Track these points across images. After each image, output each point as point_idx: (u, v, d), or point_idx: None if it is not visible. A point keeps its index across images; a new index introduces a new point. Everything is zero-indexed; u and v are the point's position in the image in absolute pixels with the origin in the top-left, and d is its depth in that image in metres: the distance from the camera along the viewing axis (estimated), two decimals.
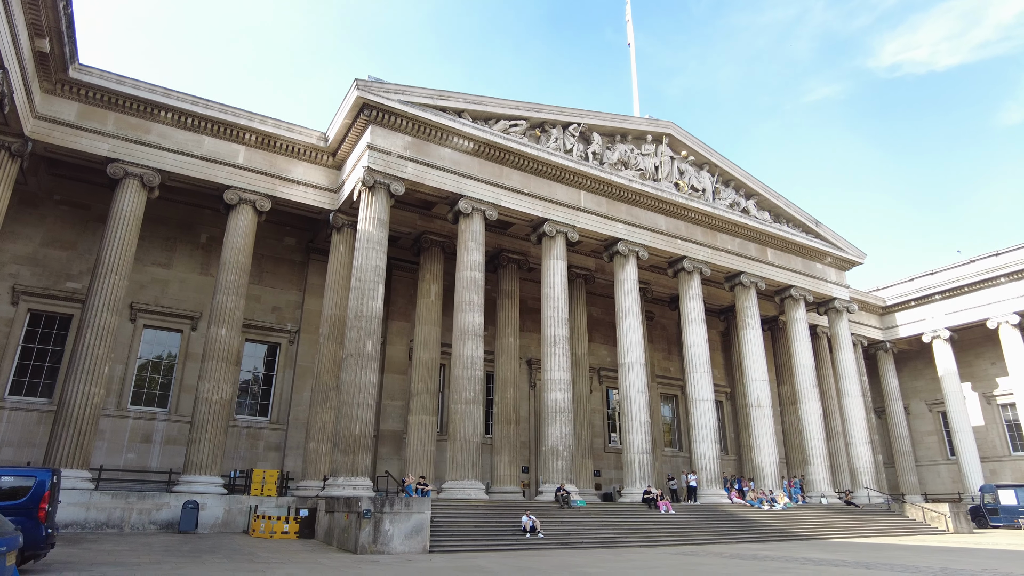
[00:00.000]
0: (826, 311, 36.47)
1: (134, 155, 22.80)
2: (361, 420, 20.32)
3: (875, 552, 18.13)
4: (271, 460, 26.49)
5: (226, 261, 23.73)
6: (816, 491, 31.23)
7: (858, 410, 34.20)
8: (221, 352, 22.58)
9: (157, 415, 25.06)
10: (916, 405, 45.72)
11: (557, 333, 25.41)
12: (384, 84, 23.36)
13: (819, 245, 35.25)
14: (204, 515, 20.46)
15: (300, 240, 29.54)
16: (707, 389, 28.77)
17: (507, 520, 19.67)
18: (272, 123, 25.09)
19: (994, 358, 41.24)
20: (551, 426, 24.28)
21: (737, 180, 32.92)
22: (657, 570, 13.01)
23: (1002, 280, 38.01)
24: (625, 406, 26.54)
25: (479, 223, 24.71)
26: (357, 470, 19.82)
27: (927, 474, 44.04)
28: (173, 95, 23.52)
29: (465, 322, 23.31)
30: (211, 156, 24.25)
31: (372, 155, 23.04)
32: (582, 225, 27.45)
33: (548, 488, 23.61)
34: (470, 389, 22.48)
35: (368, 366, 20.82)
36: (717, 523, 23.65)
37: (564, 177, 27.28)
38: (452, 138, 24.72)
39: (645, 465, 25.63)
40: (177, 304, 26.50)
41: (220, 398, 22.20)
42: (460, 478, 21.58)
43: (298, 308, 28.72)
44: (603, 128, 29.05)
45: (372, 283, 21.73)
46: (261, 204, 24.72)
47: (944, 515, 29.91)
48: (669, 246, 29.97)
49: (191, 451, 21.47)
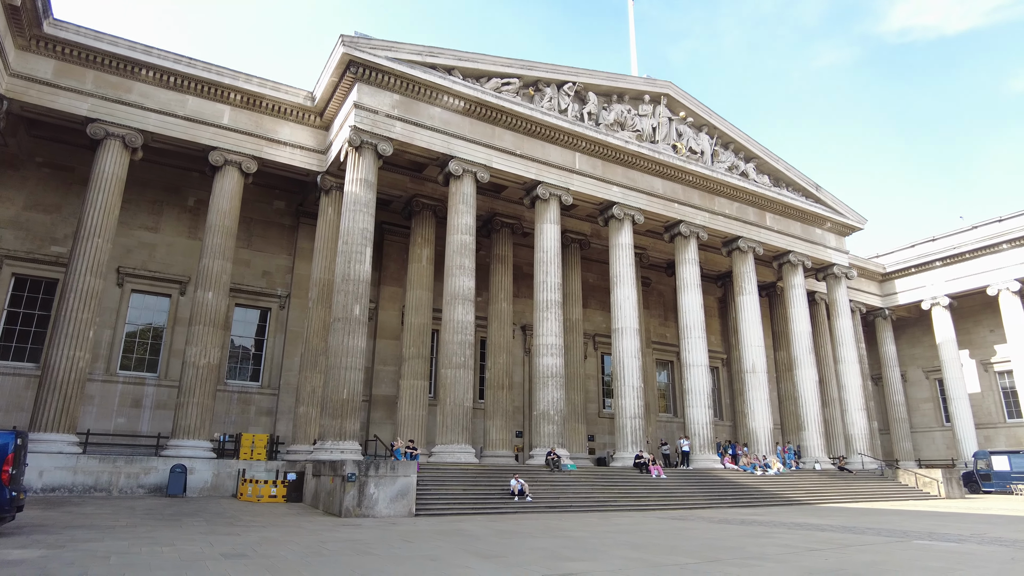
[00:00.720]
0: (824, 277, 36.06)
1: (115, 115, 22.20)
2: (349, 384, 20.11)
3: (864, 517, 18.06)
4: (262, 425, 26.44)
5: (212, 224, 23.29)
6: (810, 457, 31.25)
7: (854, 377, 34.04)
8: (208, 316, 22.30)
9: (147, 380, 24.90)
10: (913, 372, 45.61)
11: (549, 298, 25.07)
12: (371, 40, 22.58)
13: (819, 210, 34.64)
14: (193, 479, 20.43)
15: (290, 204, 29.02)
16: (701, 354, 28.53)
17: (496, 484, 19.60)
18: (257, 82, 24.37)
19: (993, 325, 40.93)
20: (542, 391, 24.11)
21: (736, 143, 32.17)
22: (642, 533, 12.88)
23: (1004, 247, 37.45)
24: (618, 371, 26.33)
25: (470, 185, 24.16)
26: (345, 434, 19.69)
27: (922, 441, 44.15)
28: (154, 52, 22.79)
29: (455, 286, 22.95)
30: (195, 116, 23.64)
31: (359, 114, 22.39)
32: (576, 188, 26.87)
33: (539, 452, 23.54)
34: (460, 354, 22.24)
35: (356, 330, 20.53)
36: (708, 488, 23.63)
37: (558, 138, 26.61)
38: (442, 96, 24.01)
39: (637, 430, 25.53)
40: (165, 268, 26.14)
41: (208, 362, 21.99)
42: (450, 442, 21.48)
43: (288, 272, 28.35)
44: (599, 88, 28.24)
45: (359, 246, 21.31)
46: (247, 166, 24.18)
47: (936, 480, 29.97)
48: (666, 210, 29.41)
49: (179, 415, 21.35)
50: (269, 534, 11.15)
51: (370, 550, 9.56)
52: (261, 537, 10.68)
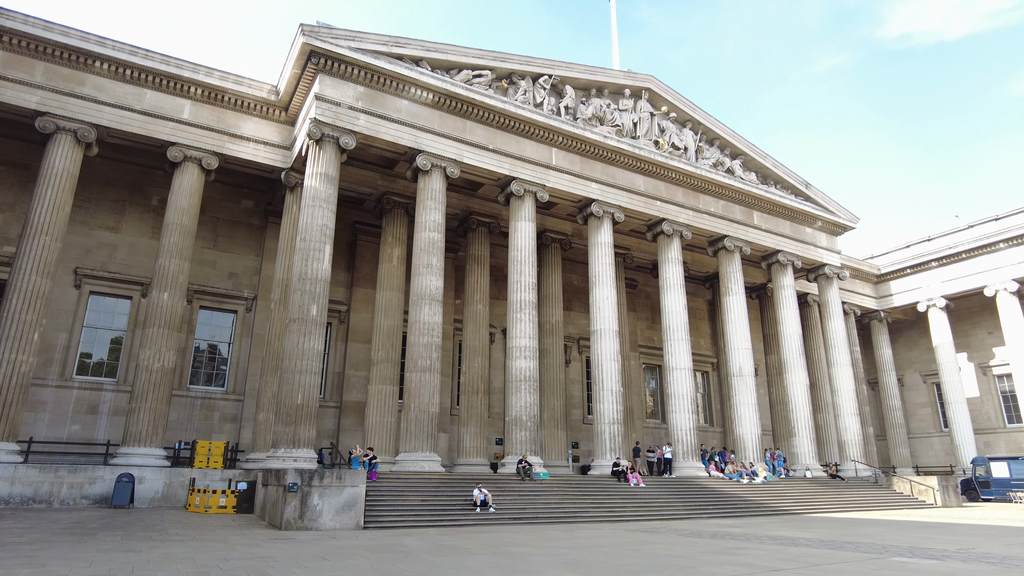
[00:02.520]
0: (816, 278, 34.96)
1: (66, 108, 21.30)
2: (304, 388, 19.06)
3: (849, 528, 16.94)
4: (226, 432, 25.38)
5: (170, 222, 22.35)
6: (801, 464, 30.08)
7: (847, 380, 32.88)
8: (163, 318, 21.32)
9: (104, 385, 23.89)
10: (910, 376, 44.40)
11: (523, 298, 24.03)
12: (333, 30, 21.65)
13: (809, 208, 33.57)
14: (142, 489, 19.39)
15: (259, 203, 28.05)
16: (684, 357, 27.41)
17: (459, 494, 18.50)
18: (219, 75, 23.47)
19: (991, 327, 39.74)
20: (515, 395, 23.05)
21: (722, 139, 31.15)
22: (595, 549, 11.79)
23: (1001, 246, 36.32)
24: (596, 374, 25.23)
25: (439, 181, 23.17)
26: (299, 441, 18.62)
27: (920, 447, 42.90)
28: (108, 44, 21.91)
29: (422, 286, 21.93)
30: (153, 111, 22.74)
31: (320, 106, 21.45)
32: (553, 184, 25.87)
33: (511, 460, 22.45)
34: (426, 356, 21.19)
35: (312, 331, 19.51)
36: (689, 497, 22.49)
37: (534, 133, 25.63)
38: (409, 88, 23.07)
39: (616, 436, 24.42)
40: (126, 269, 25.17)
41: (162, 366, 20.99)
42: (414, 450, 20.39)
43: (256, 274, 27.34)
44: (577, 81, 27.27)
45: (318, 243, 20.32)
46: (208, 162, 23.25)
47: (932, 488, 28.78)
48: (648, 208, 28.38)
49: (130, 421, 20.33)
50: (174, 551, 10.09)
51: (267, 570, 8.50)
52: (161, 555, 9.63)
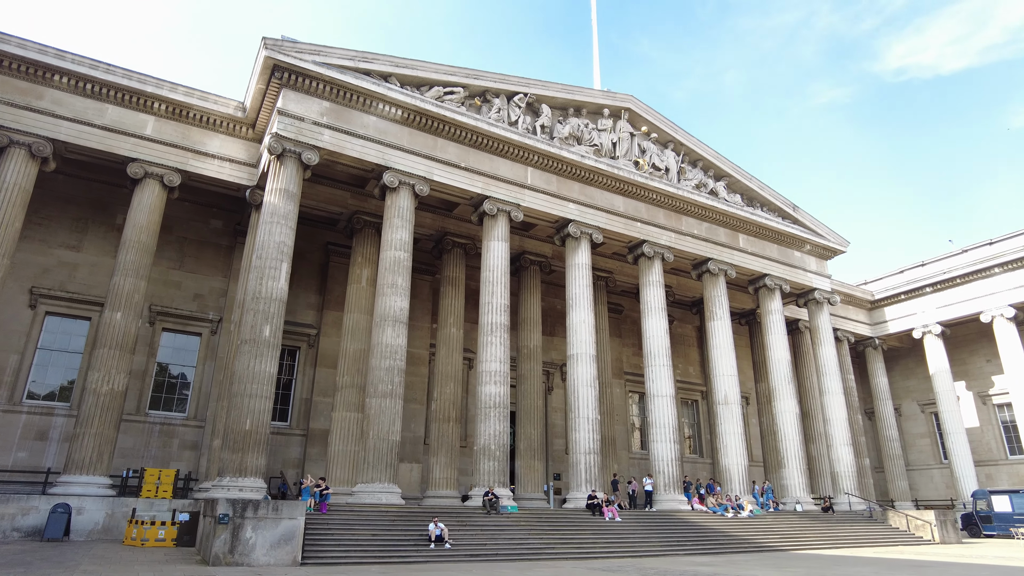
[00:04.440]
0: (806, 303, 33.97)
1: (22, 122, 20.68)
2: (254, 414, 18.00)
3: (833, 568, 15.69)
4: (185, 459, 24.22)
5: (127, 240, 21.57)
6: (791, 497, 28.70)
7: (839, 409, 31.64)
8: (115, 339, 20.40)
9: (55, 410, 22.81)
10: (908, 406, 43.07)
11: (495, 320, 23.07)
12: (297, 44, 21.13)
13: (796, 231, 32.75)
14: (81, 520, 18.20)
15: (228, 223, 27.28)
16: (666, 383, 26.32)
17: (415, 529, 17.29)
18: (183, 91, 22.92)
19: (989, 355, 38.54)
20: (484, 423, 21.92)
21: (705, 160, 30.48)
22: None
23: (996, 271, 35.37)
24: (572, 401, 24.11)
25: (407, 198, 22.41)
26: (246, 470, 17.50)
27: (919, 479, 41.38)
28: (68, 57, 21.38)
29: (386, 306, 21.00)
30: (115, 126, 22.12)
31: (282, 121, 20.82)
32: (528, 204, 25.11)
33: (477, 492, 21.21)
34: (387, 381, 20.15)
35: (264, 353, 18.53)
36: (667, 532, 21.20)
37: (508, 151, 24.96)
38: (377, 104, 22.46)
39: (592, 467, 23.19)
40: (86, 290, 24.28)
41: (111, 389, 19.98)
42: (372, 480, 19.21)
43: (222, 296, 26.42)
44: (554, 100, 26.71)
45: (275, 261, 19.46)
46: (170, 179, 22.55)
47: (929, 523, 27.35)
48: (628, 229, 27.56)
49: (73, 448, 19.24)
50: None
51: None
52: None
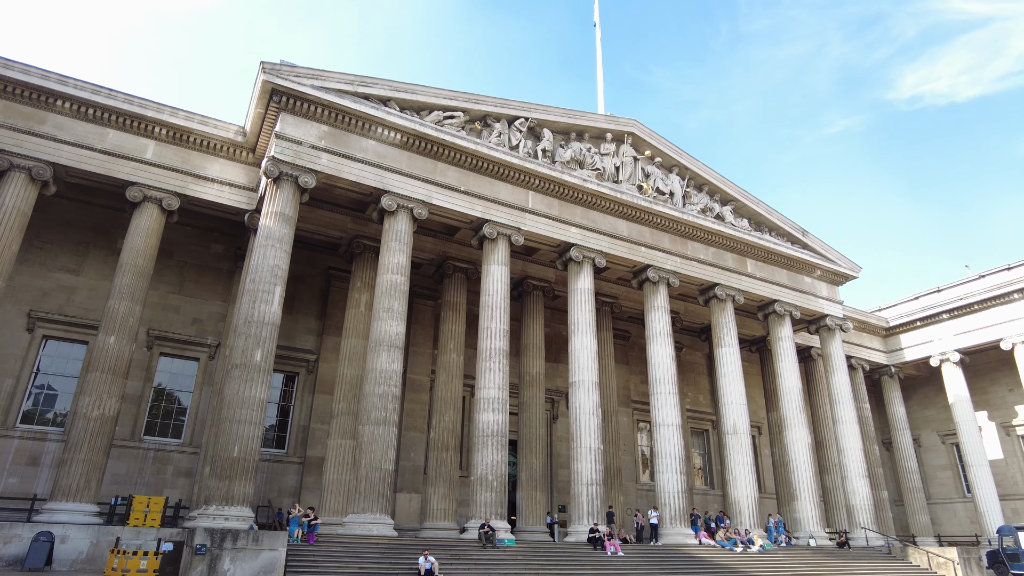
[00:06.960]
0: (817, 329, 33.13)
1: (23, 146, 20.82)
2: (243, 440, 17.56)
3: None
4: (180, 487, 23.76)
5: (124, 263, 21.48)
6: (804, 531, 27.56)
7: (853, 439, 30.54)
8: (107, 363, 20.18)
9: (49, 435, 22.54)
10: (928, 436, 41.64)
11: (494, 346, 22.58)
12: (295, 68, 21.18)
13: (807, 256, 32.08)
14: (64, 549, 17.70)
15: (229, 247, 27.22)
16: (672, 412, 25.55)
17: (406, 562, 16.65)
18: (184, 115, 23.02)
19: (1011, 384, 37.23)
20: (481, 451, 21.29)
21: (711, 184, 30.07)
22: None
23: (1015, 296, 34.33)
24: (573, 430, 23.42)
25: (405, 222, 22.18)
26: (233, 498, 16.99)
27: (942, 513, 39.76)
28: (70, 83, 21.59)
29: (381, 331, 20.61)
30: (116, 150, 22.23)
31: (279, 144, 20.78)
32: (529, 228, 24.79)
33: (473, 524, 20.49)
34: (381, 408, 19.65)
35: (255, 378, 18.16)
36: (671, 568, 20.30)
37: (508, 175, 24.73)
38: (376, 128, 22.38)
39: (595, 498, 22.40)
40: (85, 313, 24.18)
41: (101, 414, 19.70)
42: (363, 511, 18.60)
43: (221, 320, 26.19)
44: (556, 125, 26.54)
45: (268, 284, 19.21)
46: (168, 203, 22.53)
47: (952, 561, 26.08)
48: (631, 254, 27.09)
49: (60, 474, 18.89)
50: None
51: None
52: None
